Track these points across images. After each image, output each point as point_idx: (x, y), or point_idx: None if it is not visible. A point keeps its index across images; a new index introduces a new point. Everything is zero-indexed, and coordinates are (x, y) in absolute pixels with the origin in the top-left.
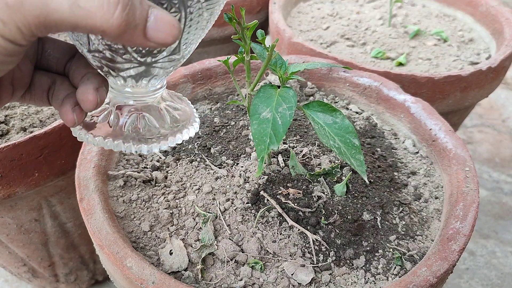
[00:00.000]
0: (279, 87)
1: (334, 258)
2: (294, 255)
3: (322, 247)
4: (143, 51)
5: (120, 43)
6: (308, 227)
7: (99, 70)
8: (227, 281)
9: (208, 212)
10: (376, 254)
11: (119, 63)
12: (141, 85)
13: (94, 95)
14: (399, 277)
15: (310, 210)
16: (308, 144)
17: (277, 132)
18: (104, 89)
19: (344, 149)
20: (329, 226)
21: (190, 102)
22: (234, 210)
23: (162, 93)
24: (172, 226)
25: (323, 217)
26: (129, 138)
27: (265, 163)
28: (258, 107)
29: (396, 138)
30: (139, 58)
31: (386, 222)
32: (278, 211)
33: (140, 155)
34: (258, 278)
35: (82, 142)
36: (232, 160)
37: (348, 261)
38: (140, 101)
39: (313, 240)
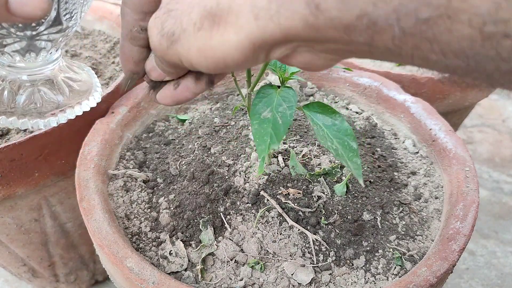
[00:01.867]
0: (279, 87)
1: (334, 258)
2: (294, 255)
3: (322, 247)
4: (19, 25)
5: None
6: (308, 227)
7: None
8: (227, 281)
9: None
10: (376, 254)
11: None
12: (30, 59)
13: None
14: (399, 277)
15: (310, 210)
16: (308, 144)
17: (278, 132)
18: None
19: (342, 152)
20: (329, 226)
21: (93, 71)
22: (234, 210)
23: (59, 64)
24: (172, 226)
25: (323, 217)
26: (25, 114)
27: (265, 163)
28: (258, 107)
29: (396, 138)
30: (18, 33)
31: (386, 222)
32: (278, 211)
33: (138, 155)
34: (258, 278)
35: (82, 142)
36: (232, 160)
37: (348, 261)
38: (35, 75)
39: (313, 240)
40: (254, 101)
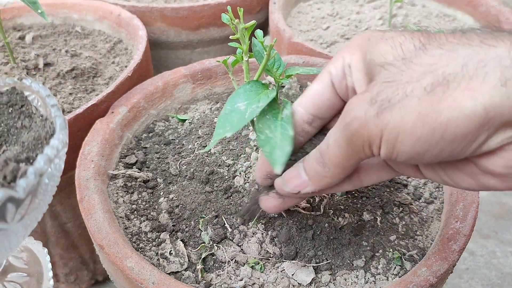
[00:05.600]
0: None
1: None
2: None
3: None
4: None
5: None
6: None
7: None
8: (227, 281)
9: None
10: (376, 254)
11: None
12: None
13: None
14: (399, 277)
15: (310, 210)
16: None
17: (239, 123)
18: None
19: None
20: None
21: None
22: (234, 210)
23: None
24: (172, 226)
25: (323, 217)
26: None
27: None
28: (238, 96)
29: None
30: None
31: (386, 222)
32: None
33: (138, 155)
34: (258, 278)
35: (82, 142)
36: (232, 160)
37: (348, 261)
38: None
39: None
40: (240, 89)
